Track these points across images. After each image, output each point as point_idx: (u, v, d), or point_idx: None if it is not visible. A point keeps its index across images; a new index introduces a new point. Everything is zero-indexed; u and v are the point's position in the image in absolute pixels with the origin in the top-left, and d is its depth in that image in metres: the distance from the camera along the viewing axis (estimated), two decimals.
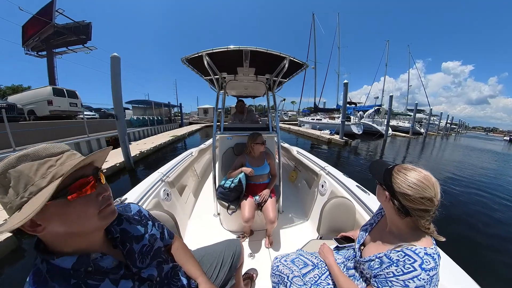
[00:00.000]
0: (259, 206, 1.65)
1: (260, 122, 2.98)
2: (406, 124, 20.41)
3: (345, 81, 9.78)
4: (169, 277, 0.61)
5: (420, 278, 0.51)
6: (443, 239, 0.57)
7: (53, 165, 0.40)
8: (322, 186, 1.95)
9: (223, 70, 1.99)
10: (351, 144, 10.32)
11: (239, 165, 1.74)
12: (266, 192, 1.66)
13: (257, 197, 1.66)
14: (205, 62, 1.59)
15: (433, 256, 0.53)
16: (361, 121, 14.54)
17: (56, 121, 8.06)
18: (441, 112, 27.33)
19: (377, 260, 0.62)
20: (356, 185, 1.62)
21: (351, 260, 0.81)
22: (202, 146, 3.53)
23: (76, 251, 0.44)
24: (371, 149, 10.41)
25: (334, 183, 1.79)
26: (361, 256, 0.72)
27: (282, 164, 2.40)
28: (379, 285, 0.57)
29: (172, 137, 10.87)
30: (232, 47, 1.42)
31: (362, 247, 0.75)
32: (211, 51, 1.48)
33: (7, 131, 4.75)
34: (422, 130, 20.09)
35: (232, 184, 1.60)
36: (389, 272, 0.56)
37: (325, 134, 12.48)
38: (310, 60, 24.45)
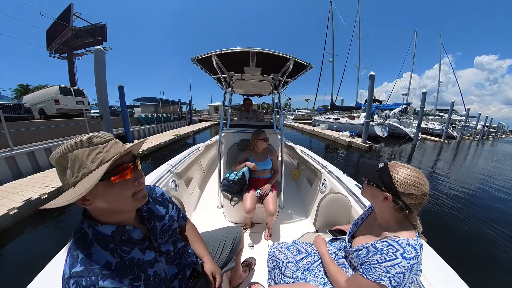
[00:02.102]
0: (261, 199, 1.70)
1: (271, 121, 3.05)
2: (436, 126, 17.62)
3: (371, 72, 8.13)
4: (181, 253, 0.70)
5: (401, 265, 0.55)
6: (425, 239, 0.64)
7: (100, 151, 0.47)
8: (323, 184, 2.00)
9: (230, 69, 2.03)
10: (375, 150, 8.64)
11: (243, 159, 1.82)
12: (267, 186, 1.72)
13: (259, 191, 1.73)
14: (214, 62, 1.64)
15: (415, 247, 0.58)
16: (386, 121, 12.51)
17: (62, 119, 7.99)
18: (479, 113, 23.24)
19: (364, 249, 0.67)
20: (355, 184, 1.68)
21: (342, 250, 0.84)
22: (208, 142, 3.63)
23: (115, 222, 0.52)
24: (399, 155, 8.70)
25: (334, 181, 1.84)
26: (350, 246, 0.76)
27: (285, 162, 2.47)
28: (364, 271, 0.61)
29: (175, 136, 10.38)
30: (239, 48, 1.47)
31: (352, 239, 0.80)
32: (220, 52, 1.52)
33: (5, 131, 4.66)
34: (455, 134, 17.14)
35: (236, 177, 1.67)
36: (373, 259, 0.60)
37: (344, 136, 10.81)
38: (327, 53, 22.31)
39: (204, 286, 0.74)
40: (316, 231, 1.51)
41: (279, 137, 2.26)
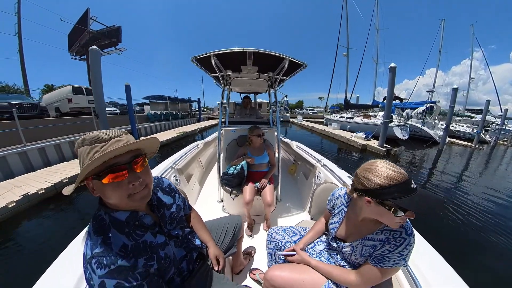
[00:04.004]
0: (259, 191, 1.79)
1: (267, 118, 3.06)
2: (466, 129, 15.38)
3: (392, 64, 6.95)
4: (188, 238, 0.78)
5: (411, 243, 0.62)
6: None
7: (98, 151, 0.49)
8: (317, 176, 2.07)
9: (228, 68, 2.09)
10: (394, 155, 7.55)
11: (241, 154, 1.93)
12: (265, 179, 1.81)
13: (257, 184, 1.81)
14: (212, 62, 1.70)
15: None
16: (407, 122, 11.08)
17: (72, 118, 8.42)
18: None
19: (361, 246, 0.71)
20: (348, 176, 1.71)
21: (332, 249, 0.88)
22: (207, 139, 3.72)
23: (128, 210, 0.57)
24: (420, 162, 7.34)
25: (328, 173, 1.90)
26: (340, 244, 0.80)
27: (282, 158, 2.71)
28: (377, 262, 0.65)
29: (178, 134, 10.36)
30: (236, 48, 1.53)
31: (337, 239, 0.83)
32: (218, 52, 1.58)
33: (18, 129, 5.11)
34: (487, 138, 14.72)
35: (235, 171, 1.77)
36: (384, 250, 0.64)
37: (358, 138, 9.76)
38: (341, 46, 20.36)
39: (209, 267, 0.82)
40: (311, 219, 1.69)
41: (275, 133, 2.34)
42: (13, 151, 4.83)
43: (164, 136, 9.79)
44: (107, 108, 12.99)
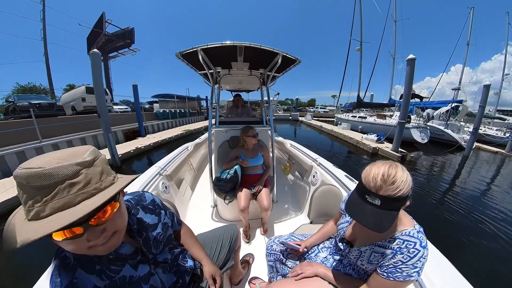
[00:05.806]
0: (254, 195, 1.72)
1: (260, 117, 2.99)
2: (497, 133, 13.32)
3: (411, 55, 6.08)
4: (178, 259, 0.68)
5: (424, 256, 0.59)
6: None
7: (38, 201, 0.35)
8: (314, 176, 2.03)
9: (217, 65, 2.01)
10: (410, 161, 6.70)
11: (234, 157, 1.84)
12: (260, 183, 1.75)
13: (252, 188, 1.75)
14: (200, 57, 1.60)
15: (421, 231, 0.62)
16: (428, 123, 9.97)
17: (88, 115, 8.92)
18: None
19: (370, 251, 0.68)
20: (345, 175, 1.69)
21: (334, 248, 0.89)
22: (198, 140, 3.63)
23: None
24: (440, 170, 6.35)
25: (325, 173, 1.86)
26: (348, 249, 0.77)
27: (276, 157, 2.56)
28: (389, 274, 0.61)
29: (183, 132, 10.65)
30: (227, 42, 1.45)
31: (343, 241, 0.81)
32: (206, 47, 1.49)
33: (35, 126, 5.68)
34: None
35: (228, 175, 1.68)
36: (396, 261, 0.61)
37: (369, 140, 8.89)
38: (354, 40, 18.45)
39: None
40: (311, 223, 1.64)
41: (269, 132, 2.26)
42: (30, 146, 5.34)
43: (168, 133, 10.17)
44: (119, 107, 13.83)
